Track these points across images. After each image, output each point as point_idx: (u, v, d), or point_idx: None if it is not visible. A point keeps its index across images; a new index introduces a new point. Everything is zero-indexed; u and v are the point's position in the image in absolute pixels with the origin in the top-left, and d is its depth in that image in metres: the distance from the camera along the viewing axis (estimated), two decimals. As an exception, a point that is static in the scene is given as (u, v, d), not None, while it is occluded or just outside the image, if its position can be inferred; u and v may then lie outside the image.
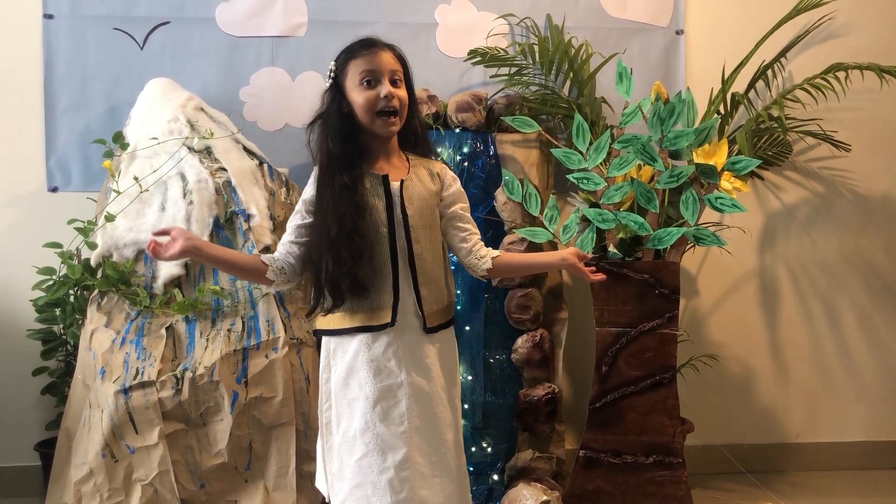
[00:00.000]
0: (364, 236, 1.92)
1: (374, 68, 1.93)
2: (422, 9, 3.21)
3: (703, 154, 2.71)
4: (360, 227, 1.91)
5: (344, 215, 1.91)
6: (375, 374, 1.95)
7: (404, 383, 1.95)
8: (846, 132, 3.31)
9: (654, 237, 2.68)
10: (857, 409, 3.47)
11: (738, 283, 3.41)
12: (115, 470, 2.44)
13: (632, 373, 2.70)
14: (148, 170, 2.73)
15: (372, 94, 1.93)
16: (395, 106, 1.94)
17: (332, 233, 1.90)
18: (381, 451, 1.94)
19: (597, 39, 3.23)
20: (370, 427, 1.94)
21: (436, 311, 2.00)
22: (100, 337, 2.58)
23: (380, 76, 1.94)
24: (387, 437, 1.93)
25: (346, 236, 1.90)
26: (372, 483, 1.93)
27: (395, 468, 1.92)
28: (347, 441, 1.97)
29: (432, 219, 2.01)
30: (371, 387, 1.95)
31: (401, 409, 1.94)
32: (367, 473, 1.94)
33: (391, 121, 1.95)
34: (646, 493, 2.70)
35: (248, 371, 2.54)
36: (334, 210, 1.91)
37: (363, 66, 1.94)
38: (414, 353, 1.97)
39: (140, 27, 3.10)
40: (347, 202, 1.92)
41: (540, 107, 3.06)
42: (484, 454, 2.89)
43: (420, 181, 2.01)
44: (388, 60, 1.95)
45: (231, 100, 3.11)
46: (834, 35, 3.37)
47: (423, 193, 2.00)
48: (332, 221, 1.91)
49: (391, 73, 1.95)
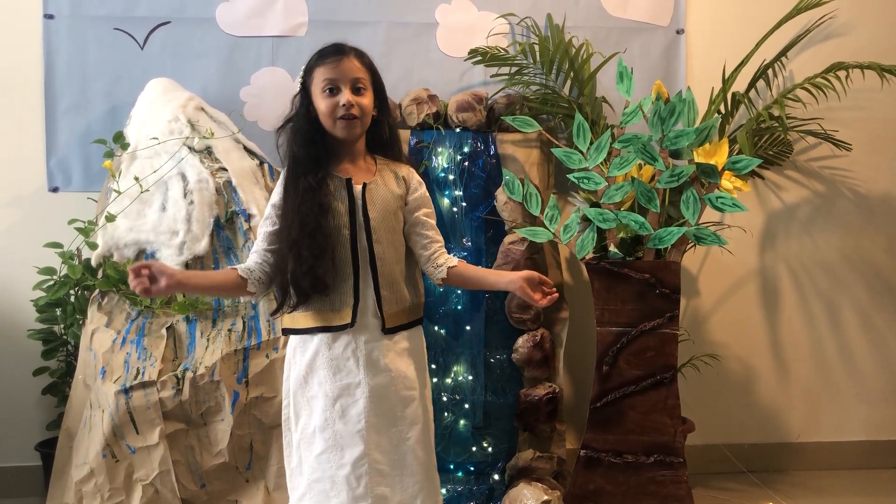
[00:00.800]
0: (326, 235, 1.96)
1: (335, 77, 1.98)
2: (422, 8, 3.21)
3: (704, 153, 2.70)
4: (322, 227, 1.96)
5: (306, 215, 1.95)
6: (335, 372, 2.00)
7: (362, 382, 1.99)
8: (847, 131, 3.31)
9: (655, 237, 2.67)
10: (858, 408, 3.46)
11: (738, 283, 3.41)
12: (116, 470, 2.44)
13: (632, 372, 2.70)
14: (148, 170, 2.73)
15: (332, 102, 1.98)
16: (355, 114, 1.98)
17: (294, 232, 1.95)
18: (338, 448, 1.99)
19: (597, 39, 3.23)
20: (329, 424, 1.99)
21: (396, 312, 2.02)
22: (100, 337, 2.58)
23: (341, 84, 1.98)
24: (344, 434, 1.99)
25: (308, 235, 1.94)
26: (330, 478, 1.99)
27: (351, 465, 1.98)
28: (307, 437, 2.03)
29: (396, 221, 2.04)
30: (330, 385, 2.00)
31: (358, 407, 1.99)
32: (325, 469, 2.00)
33: (350, 124, 1.99)
34: (647, 493, 2.70)
35: (248, 371, 2.54)
36: (297, 210, 1.96)
37: (326, 73, 1.99)
38: (373, 353, 2.01)
39: (140, 27, 3.10)
40: (310, 202, 1.96)
41: (540, 106, 3.06)
42: (485, 454, 2.89)
43: (384, 184, 2.05)
44: (352, 68, 1.99)
45: (231, 100, 3.11)
46: (834, 34, 3.37)
47: (386, 196, 2.03)
48: (295, 221, 1.96)
49: (353, 80, 1.99)
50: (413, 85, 3.14)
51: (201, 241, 2.66)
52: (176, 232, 2.66)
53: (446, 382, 2.87)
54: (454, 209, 2.94)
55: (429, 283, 2.86)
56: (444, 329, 2.89)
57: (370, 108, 2.03)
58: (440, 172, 2.95)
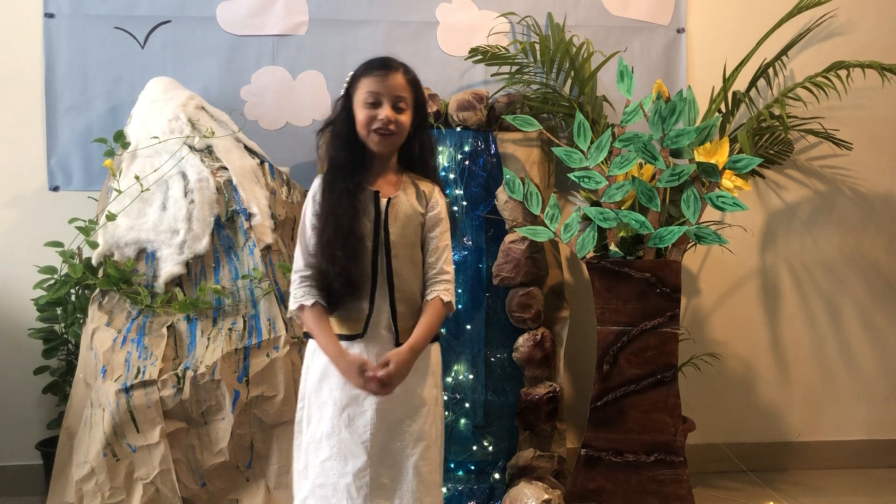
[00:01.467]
0: (360, 239, 1.97)
1: (379, 91, 2.00)
2: (423, 7, 3.21)
3: (705, 152, 2.70)
4: (355, 230, 1.97)
5: (341, 216, 1.96)
6: (346, 381, 1.99)
7: (371, 395, 1.98)
8: (847, 130, 3.31)
9: (656, 236, 2.67)
10: (859, 407, 3.46)
11: (739, 282, 3.41)
12: (117, 469, 2.44)
13: (633, 371, 2.70)
14: (149, 169, 2.73)
15: (371, 114, 1.99)
16: (392, 129, 1.99)
17: (328, 233, 1.96)
18: (342, 457, 2.00)
19: (598, 38, 3.23)
20: (336, 432, 2.00)
21: (411, 328, 2.01)
22: (101, 336, 2.58)
23: (383, 99, 2.00)
24: (349, 443, 2.00)
25: (343, 236, 1.95)
26: (332, 485, 2.00)
27: (353, 475, 1.99)
28: (314, 442, 2.04)
29: (415, 237, 2.04)
30: (340, 392, 2.00)
31: (365, 418, 2.00)
32: (328, 475, 2.00)
33: (384, 140, 2.00)
34: (647, 492, 2.70)
35: (249, 370, 2.54)
36: (331, 212, 1.97)
37: (370, 86, 2.01)
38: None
39: (141, 26, 3.10)
40: (346, 204, 1.97)
41: (541, 105, 3.06)
42: (485, 453, 2.89)
43: (407, 199, 2.05)
44: (396, 85, 2.01)
45: (232, 99, 3.11)
46: (835, 33, 3.37)
47: (408, 211, 2.03)
48: (329, 222, 1.97)
49: (396, 98, 2.00)
50: (414, 84, 3.14)
51: (202, 240, 2.67)
52: (176, 231, 2.66)
53: (447, 381, 2.88)
54: (455, 208, 2.94)
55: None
56: (444, 328, 2.89)
57: (407, 127, 2.03)
58: (441, 171, 2.95)
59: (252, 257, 2.66)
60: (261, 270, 2.64)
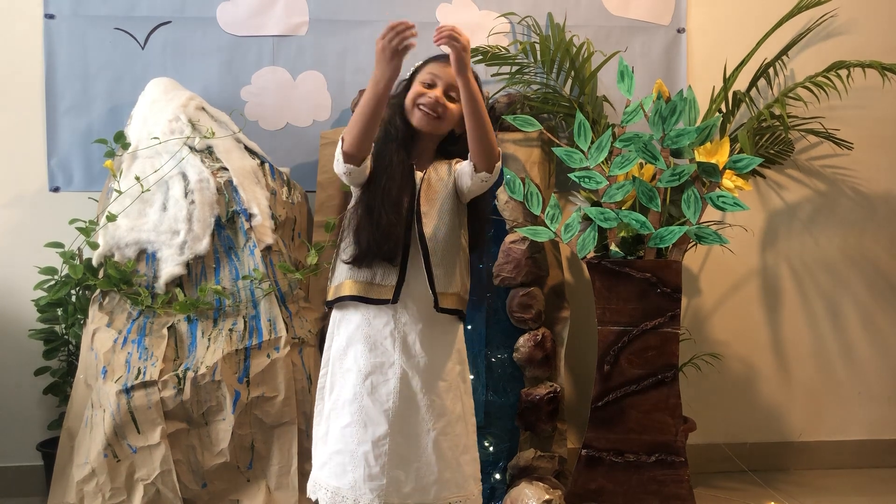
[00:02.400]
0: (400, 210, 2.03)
1: (439, 74, 2.09)
2: (423, 8, 3.21)
3: (705, 152, 2.70)
4: (402, 202, 2.03)
5: (391, 187, 2.03)
6: (371, 349, 2.03)
7: (396, 363, 2.02)
8: (848, 130, 3.30)
9: (656, 236, 2.67)
10: (860, 407, 3.46)
11: (740, 282, 3.41)
12: (118, 469, 2.44)
13: (634, 371, 2.70)
14: (149, 169, 2.73)
15: (422, 90, 2.09)
16: (438, 111, 2.07)
17: (378, 196, 2.03)
18: (363, 424, 2.01)
19: (598, 38, 3.22)
20: (357, 398, 2.02)
21: (451, 295, 2.06)
22: (101, 337, 2.58)
23: (439, 82, 2.09)
24: (371, 411, 2.01)
25: (390, 204, 2.02)
26: (350, 452, 2.02)
27: (372, 442, 2.00)
28: (337, 408, 2.06)
29: (448, 206, 2.08)
30: (365, 360, 2.03)
31: (388, 387, 2.02)
32: (347, 442, 2.02)
33: (426, 118, 2.07)
34: (648, 492, 2.70)
35: (249, 370, 2.54)
36: (387, 174, 2.05)
37: (432, 69, 2.11)
38: (412, 338, 2.04)
39: (141, 27, 3.10)
40: (399, 175, 2.05)
41: (541, 105, 3.05)
42: (486, 453, 2.89)
43: (436, 172, 2.12)
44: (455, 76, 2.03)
45: (232, 99, 3.11)
46: (835, 33, 3.37)
47: (437, 183, 2.10)
48: (380, 185, 2.04)
49: (451, 85, 2.07)
50: (414, 84, 3.14)
51: (202, 241, 2.67)
52: (177, 231, 2.66)
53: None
54: (455, 208, 2.94)
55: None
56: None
57: (453, 117, 2.10)
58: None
59: (252, 258, 2.66)
60: (261, 271, 2.64)
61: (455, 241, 2.09)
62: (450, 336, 2.10)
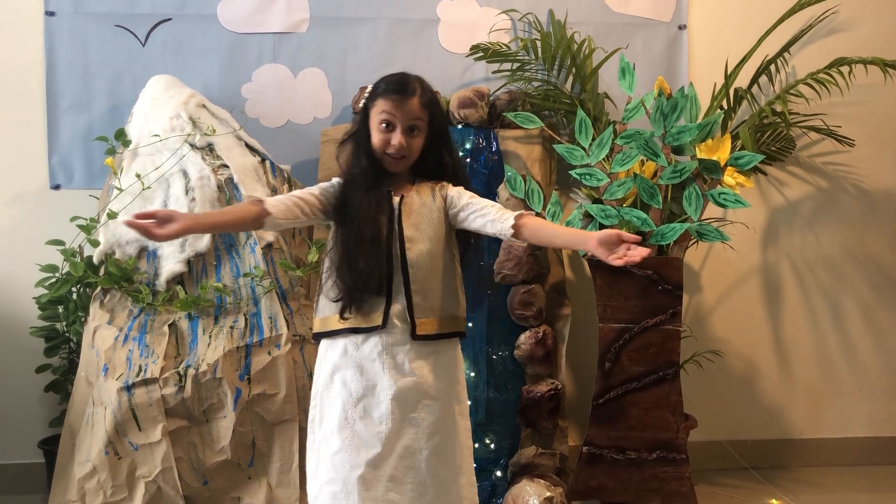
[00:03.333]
0: (379, 242, 1.98)
1: (394, 114, 2.00)
2: (424, 5, 3.20)
3: (707, 149, 2.70)
4: (378, 241, 1.98)
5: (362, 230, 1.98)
6: (361, 372, 1.99)
7: (386, 385, 1.98)
8: (850, 127, 3.30)
9: (657, 233, 2.67)
10: (861, 404, 3.46)
11: (741, 279, 3.40)
12: (119, 467, 2.44)
13: (635, 369, 2.70)
14: (150, 167, 2.73)
15: (385, 138, 2.01)
16: (404, 154, 2.01)
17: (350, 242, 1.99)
18: (355, 448, 1.97)
19: (599, 35, 3.22)
20: (349, 423, 1.98)
21: (430, 321, 2.01)
22: (103, 334, 2.58)
23: (397, 123, 2.00)
24: (364, 435, 1.97)
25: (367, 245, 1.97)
26: (343, 480, 1.97)
27: (366, 465, 1.96)
28: (326, 437, 2.02)
29: (433, 230, 2.03)
30: (356, 384, 1.99)
31: (381, 410, 1.98)
32: (339, 470, 1.97)
33: (397, 163, 2.03)
34: (649, 489, 2.70)
35: (250, 368, 2.54)
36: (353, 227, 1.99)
37: (385, 108, 2.01)
38: (400, 358, 2.00)
39: (142, 24, 3.10)
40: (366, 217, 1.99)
41: (542, 102, 3.05)
42: (487, 450, 2.89)
43: (419, 196, 2.06)
44: (411, 111, 2.00)
45: (233, 96, 3.11)
46: (837, 29, 3.36)
47: (421, 208, 2.04)
48: (350, 234, 2.00)
49: (411, 122, 2.01)
50: (415, 81, 3.14)
51: (203, 238, 2.67)
52: (178, 229, 2.65)
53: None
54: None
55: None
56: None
57: (419, 148, 2.05)
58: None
59: (253, 255, 2.66)
60: (262, 268, 2.64)
61: (446, 264, 2.05)
62: (442, 356, 2.05)
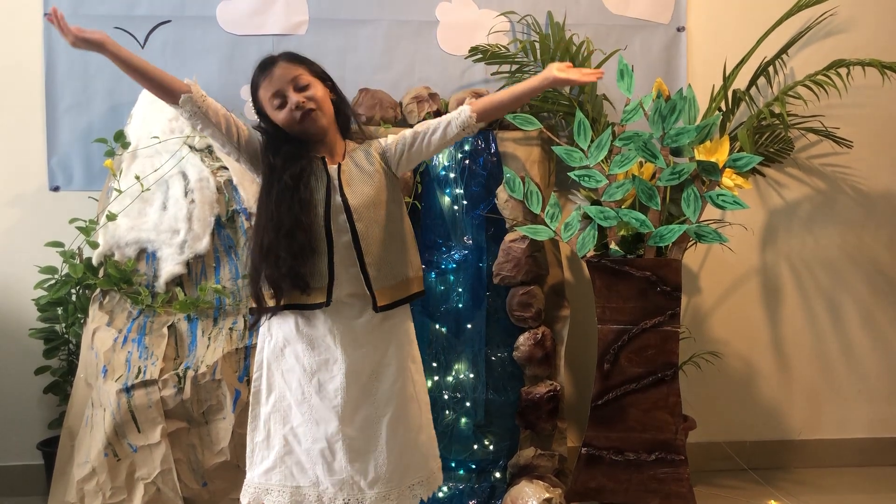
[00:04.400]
0: (307, 230, 1.95)
1: (276, 88, 1.99)
2: (423, 6, 3.20)
3: (705, 151, 2.70)
4: (302, 222, 1.95)
5: (281, 219, 1.94)
6: (313, 347, 2.00)
7: (339, 359, 1.99)
8: (848, 129, 3.30)
9: (656, 234, 2.67)
10: (860, 405, 3.46)
11: (739, 280, 3.41)
12: (118, 468, 2.45)
13: (634, 370, 2.70)
14: (149, 169, 2.73)
15: (286, 111, 1.98)
16: (311, 106, 1.99)
17: (269, 237, 1.94)
18: (315, 422, 1.99)
19: (598, 36, 3.22)
20: (307, 398, 2.00)
21: (387, 289, 2.01)
22: (102, 336, 2.58)
23: (284, 90, 1.99)
24: (321, 409, 1.99)
25: (285, 236, 1.94)
26: (307, 450, 2.00)
27: (326, 439, 1.98)
28: (281, 410, 2.03)
29: (377, 196, 2.02)
30: (308, 359, 2.00)
31: (335, 383, 1.99)
32: (301, 441, 2.00)
33: (312, 116, 1.99)
34: (648, 491, 2.70)
35: (249, 369, 2.54)
36: (271, 216, 1.95)
37: (267, 90, 2.00)
38: (352, 331, 2.00)
39: (141, 26, 3.10)
40: (288, 201, 1.94)
41: (541, 104, 3.05)
42: (486, 452, 2.89)
43: (355, 163, 2.05)
44: (285, 72, 2.00)
45: (232, 98, 3.10)
46: (835, 31, 3.37)
47: (361, 172, 2.03)
48: (269, 228, 1.95)
49: (293, 80, 1.99)
50: (414, 83, 3.14)
51: (202, 240, 2.67)
52: (177, 231, 2.66)
53: (447, 380, 2.87)
54: (455, 207, 2.94)
55: (429, 283, 2.86)
56: (445, 327, 2.89)
57: (324, 96, 2.03)
58: (441, 170, 2.95)
59: (252, 257, 2.66)
60: (261, 270, 2.63)
61: (395, 227, 2.04)
62: (394, 319, 2.06)
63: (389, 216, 2.04)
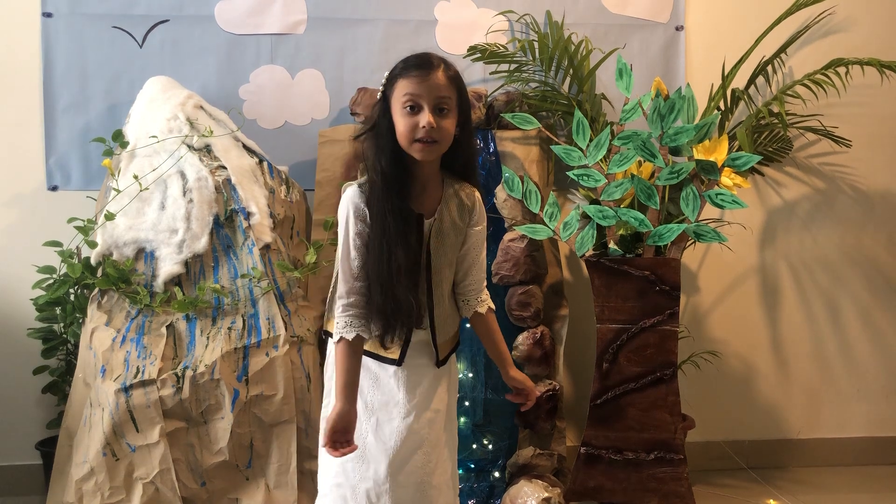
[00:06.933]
0: (415, 274, 1.88)
1: (418, 93, 1.79)
2: (421, 6, 3.20)
3: (704, 150, 2.70)
4: (416, 268, 1.88)
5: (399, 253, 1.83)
6: (377, 386, 1.97)
7: (401, 402, 1.96)
8: (846, 128, 3.30)
9: (655, 234, 2.67)
10: (859, 405, 3.47)
11: (738, 280, 3.41)
12: (117, 468, 2.44)
13: (633, 369, 2.70)
14: (148, 168, 2.73)
15: (412, 122, 1.80)
16: (435, 137, 1.79)
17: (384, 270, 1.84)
18: (365, 461, 1.96)
19: (596, 36, 3.22)
20: (362, 435, 1.95)
21: (445, 342, 2.01)
22: (100, 335, 2.58)
23: (423, 103, 1.79)
24: (374, 449, 1.96)
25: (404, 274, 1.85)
26: (352, 487, 1.96)
27: (373, 480, 1.95)
28: None
29: (454, 255, 1.97)
30: (371, 396, 1.97)
31: (392, 426, 1.96)
32: (349, 476, 1.97)
33: (428, 149, 1.81)
34: (647, 490, 2.70)
35: (248, 369, 2.54)
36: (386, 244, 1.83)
37: (408, 88, 1.80)
38: (417, 379, 1.98)
39: (139, 25, 3.09)
40: (403, 240, 1.84)
41: (540, 103, 3.05)
42: (485, 451, 2.89)
43: (450, 216, 1.93)
44: (438, 85, 1.81)
45: (231, 98, 3.11)
46: (834, 30, 3.37)
47: (450, 232, 1.93)
48: (384, 256, 1.83)
49: (438, 99, 1.80)
50: (412, 82, 3.14)
51: (201, 240, 2.66)
52: (175, 230, 2.65)
53: (446, 380, 2.88)
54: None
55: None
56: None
57: (451, 132, 1.83)
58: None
59: (251, 256, 2.66)
60: (260, 269, 2.63)
61: (450, 290, 2.01)
62: (452, 366, 2.07)
63: (452, 275, 2.00)
